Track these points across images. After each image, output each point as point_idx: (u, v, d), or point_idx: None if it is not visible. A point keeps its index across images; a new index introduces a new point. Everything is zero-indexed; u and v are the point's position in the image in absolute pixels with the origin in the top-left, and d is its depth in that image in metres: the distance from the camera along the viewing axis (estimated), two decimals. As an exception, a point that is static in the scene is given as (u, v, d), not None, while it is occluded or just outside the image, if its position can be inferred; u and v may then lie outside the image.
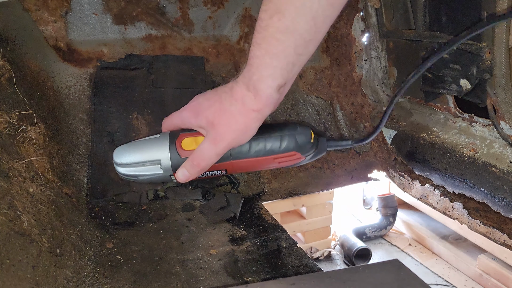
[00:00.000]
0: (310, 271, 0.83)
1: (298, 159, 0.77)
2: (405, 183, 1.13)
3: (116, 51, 1.07)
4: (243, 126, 0.67)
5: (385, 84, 1.21)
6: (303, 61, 0.63)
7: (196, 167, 0.72)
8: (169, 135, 0.76)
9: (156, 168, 0.76)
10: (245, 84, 0.65)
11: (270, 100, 0.65)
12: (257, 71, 0.62)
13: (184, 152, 0.74)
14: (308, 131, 0.77)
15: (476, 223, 0.91)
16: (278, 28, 0.58)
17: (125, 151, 0.79)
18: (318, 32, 0.60)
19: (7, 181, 0.67)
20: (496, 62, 0.82)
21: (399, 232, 2.50)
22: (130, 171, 0.78)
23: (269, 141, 0.74)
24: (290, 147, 0.75)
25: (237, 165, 0.76)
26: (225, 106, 0.67)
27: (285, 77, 0.63)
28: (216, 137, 0.69)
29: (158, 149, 0.76)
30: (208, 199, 1.07)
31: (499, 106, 0.85)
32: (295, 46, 0.59)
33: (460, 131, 0.98)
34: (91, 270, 0.78)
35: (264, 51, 0.61)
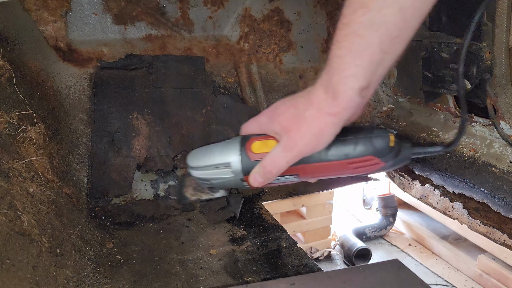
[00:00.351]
0: (310, 271, 0.83)
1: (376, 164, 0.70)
2: (405, 183, 1.13)
3: (116, 51, 1.06)
4: (317, 131, 0.62)
5: (385, 84, 1.21)
6: (388, 61, 0.57)
7: (266, 173, 0.70)
8: (240, 139, 0.75)
9: (226, 171, 0.75)
10: (324, 87, 0.59)
11: (350, 103, 0.58)
12: (337, 72, 0.57)
13: (254, 155, 0.72)
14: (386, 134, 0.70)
15: (476, 223, 0.91)
16: (362, 23, 0.53)
17: (197, 154, 0.79)
18: (407, 28, 0.54)
19: (7, 181, 0.67)
20: (496, 62, 0.82)
21: (399, 232, 2.50)
22: (203, 174, 0.78)
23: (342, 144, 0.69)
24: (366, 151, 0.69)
25: (309, 169, 0.72)
26: (300, 111, 0.63)
27: (368, 78, 0.57)
28: (288, 144, 0.65)
29: (228, 152, 0.74)
30: (207, 200, 1.07)
31: (499, 106, 0.85)
32: (380, 42, 0.54)
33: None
34: (91, 270, 0.78)
35: (345, 50, 0.55)
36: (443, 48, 0.93)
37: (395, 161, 0.71)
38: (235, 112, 1.13)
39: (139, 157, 1.06)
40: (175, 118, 1.09)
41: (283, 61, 1.20)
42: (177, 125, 1.09)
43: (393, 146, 0.70)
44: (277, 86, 1.19)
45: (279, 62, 1.19)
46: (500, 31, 0.79)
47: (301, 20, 1.18)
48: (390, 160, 0.71)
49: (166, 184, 1.08)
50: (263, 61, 1.18)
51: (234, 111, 1.13)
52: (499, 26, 0.78)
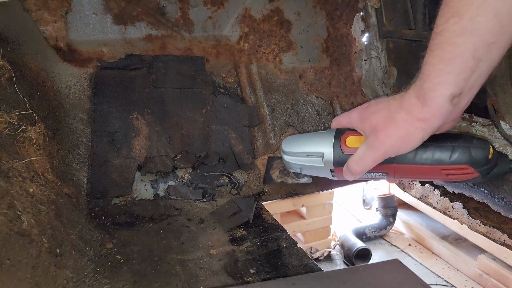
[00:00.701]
0: (310, 271, 0.83)
1: (471, 174, 0.70)
2: (405, 183, 1.13)
3: (116, 51, 1.06)
4: (405, 134, 0.63)
5: (385, 84, 1.21)
6: (484, 69, 0.56)
7: (353, 170, 0.72)
8: (335, 131, 0.78)
9: (318, 160, 0.78)
10: (415, 92, 0.61)
11: (440, 110, 0.59)
12: (428, 78, 0.58)
13: (347, 149, 0.75)
14: (487, 145, 0.70)
15: (476, 223, 0.91)
16: (455, 31, 0.53)
17: (293, 140, 0.83)
18: (504, 33, 0.53)
19: (7, 181, 0.67)
20: (496, 62, 0.81)
21: (399, 232, 2.50)
22: (295, 160, 0.82)
23: (438, 150, 0.69)
24: (462, 159, 0.68)
25: (399, 169, 0.73)
26: (390, 114, 0.64)
27: (461, 85, 0.56)
28: (375, 143, 0.67)
29: (323, 143, 0.77)
30: (208, 200, 1.07)
31: (499, 106, 0.85)
32: (473, 49, 0.53)
33: (460, 131, 0.98)
34: (91, 270, 0.78)
35: (438, 58, 0.56)
36: (443, 48, 0.93)
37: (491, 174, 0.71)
38: (235, 112, 1.13)
39: (139, 157, 1.06)
40: (175, 118, 1.09)
41: (283, 61, 1.20)
42: (177, 125, 1.09)
43: (491, 158, 0.69)
44: (277, 86, 1.19)
45: (279, 62, 1.19)
46: (500, 31, 0.78)
47: (301, 20, 1.18)
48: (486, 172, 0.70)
49: (166, 184, 1.08)
50: (263, 61, 1.18)
51: (234, 111, 1.13)
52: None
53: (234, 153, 1.13)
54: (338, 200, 2.74)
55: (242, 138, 1.13)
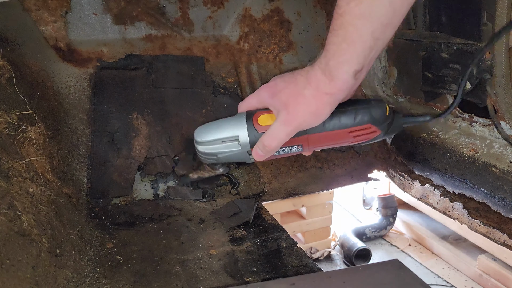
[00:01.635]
0: (310, 271, 0.83)
1: (374, 132, 0.76)
2: (405, 183, 1.13)
3: (116, 51, 1.06)
4: (315, 109, 0.68)
5: (385, 84, 1.21)
6: (380, 46, 0.63)
7: (267, 146, 0.75)
8: (246, 113, 0.79)
9: (234, 144, 0.79)
10: (321, 69, 0.66)
11: (346, 85, 0.65)
12: (333, 57, 0.63)
13: (261, 128, 0.76)
14: (383, 104, 0.76)
15: (476, 223, 0.91)
16: (355, 14, 0.59)
17: (204, 129, 0.83)
18: (396, 16, 0.60)
19: (7, 181, 0.67)
20: (496, 62, 0.81)
21: (399, 232, 2.50)
22: (210, 149, 0.81)
23: (343, 115, 0.74)
24: (364, 119, 0.74)
25: (312, 139, 0.77)
26: (299, 89, 0.69)
27: (362, 62, 0.63)
28: (287, 118, 0.71)
29: (236, 126, 0.78)
30: (207, 200, 1.07)
31: (499, 106, 0.85)
32: (372, 30, 0.60)
33: (460, 131, 0.98)
34: (91, 270, 0.78)
35: (341, 38, 0.62)
36: (443, 48, 0.93)
37: (389, 130, 0.77)
38: (235, 112, 1.13)
39: (139, 157, 1.06)
40: (175, 118, 1.09)
41: (283, 61, 1.20)
42: (177, 125, 1.09)
43: (388, 115, 0.75)
44: (277, 86, 1.19)
45: (279, 62, 1.19)
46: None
47: (301, 20, 1.18)
48: (385, 128, 0.76)
49: (165, 185, 1.08)
50: (263, 61, 1.18)
51: (234, 111, 1.13)
52: (499, 26, 0.78)
53: (234, 153, 1.13)
54: (338, 200, 2.74)
55: (242, 138, 1.13)
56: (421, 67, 1.02)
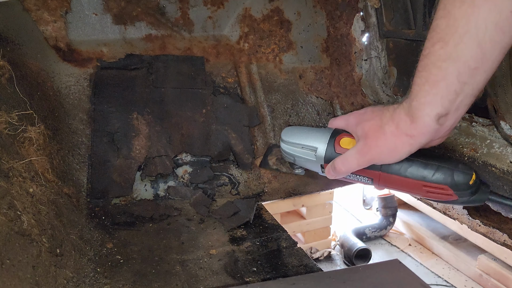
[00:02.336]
0: (310, 271, 0.83)
1: (449, 196, 0.73)
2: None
3: (116, 51, 1.06)
4: (392, 146, 0.68)
5: (385, 84, 1.21)
6: (469, 91, 0.60)
7: (337, 169, 0.77)
8: (333, 130, 0.82)
9: (311, 154, 0.83)
10: (405, 109, 0.65)
11: (426, 128, 0.63)
12: (416, 97, 0.62)
13: (340, 149, 0.79)
14: (470, 171, 0.72)
15: (476, 223, 0.91)
16: (440, 55, 0.58)
17: (292, 131, 0.88)
18: (486, 60, 0.57)
19: (7, 181, 0.67)
20: (496, 62, 0.81)
21: (399, 232, 2.50)
22: (290, 149, 0.86)
23: (423, 166, 0.72)
24: (443, 180, 0.72)
25: (384, 178, 0.76)
26: (382, 124, 0.69)
27: (446, 106, 0.60)
28: (363, 149, 0.72)
29: (319, 139, 0.82)
30: (210, 199, 1.07)
31: (499, 106, 0.85)
32: (457, 73, 0.57)
33: (460, 131, 0.98)
34: (91, 270, 0.78)
35: (424, 79, 0.61)
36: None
37: (469, 199, 0.73)
38: (235, 112, 1.13)
39: (139, 157, 1.06)
40: (175, 118, 1.09)
41: (283, 61, 1.20)
42: (177, 125, 1.09)
43: (472, 184, 0.72)
44: (277, 86, 1.19)
45: (279, 62, 1.19)
46: (500, 31, 0.78)
47: (301, 20, 1.18)
48: (465, 197, 0.73)
49: (166, 185, 1.08)
50: (263, 61, 1.18)
51: (234, 111, 1.13)
52: (499, 26, 0.78)
53: (234, 153, 1.13)
54: (338, 200, 2.74)
55: (242, 138, 1.13)
56: (421, 67, 1.02)
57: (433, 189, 0.72)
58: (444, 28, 0.57)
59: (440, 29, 0.57)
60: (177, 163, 1.09)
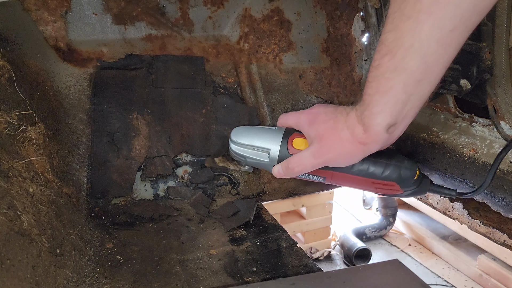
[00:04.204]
0: (310, 271, 0.83)
1: (396, 191, 0.77)
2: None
3: (116, 51, 1.06)
4: (347, 152, 0.70)
5: (385, 84, 1.21)
6: (415, 102, 0.63)
7: (290, 170, 0.78)
8: (284, 131, 0.82)
9: (264, 155, 0.82)
10: (358, 116, 0.67)
11: (378, 137, 0.66)
12: (368, 107, 0.65)
13: (293, 150, 0.79)
14: (415, 167, 0.77)
15: (476, 223, 0.91)
16: (388, 67, 0.60)
17: (243, 132, 0.87)
18: (430, 72, 0.59)
19: (7, 181, 0.67)
20: (496, 62, 0.82)
21: (399, 232, 2.50)
22: (241, 151, 0.85)
23: (373, 165, 0.76)
24: (391, 177, 0.76)
25: (336, 177, 0.79)
26: (337, 128, 0.70)
27: (395, 116, 0.63)
28: (318, 151, 0.73)
29: (272, 140, 0.81)
30: (209, 199, 1.07)
31: (499, 106, 0.85)
32: (404, 84, 0.60)
33: (460, 131, 0.98)
34: (91, 270, 0.78)
35: (374, 89, 0.63)
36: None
37: (413, 192, 0.78)
38: (235, 112, 1.13)
39: (139, 157, 1.06)
40: (175, 118, 1.09)
41: (283, 61, 1.20)
42: (177, 125, 1.09)
43: (416, 179, 0.77)
44: (277, 86, 1.19)
45: (279, 62, 1.19)
46: (500, 31, 0.79)
47: (301, 20, 1.18)
48: (409, 191, 0.78)
49: (165, 185, 1.08)
50: (263, 61, 1.18)
51: (234, 111, 1.13)
52: (499, 26, 0.78)
53: (234, 153, 1.13)
54: (338, 200, 2.74)
55: (242, 138, 1.13)
56: (421, 67, 1.02)
57: (382, 186, 0.77)
58: (392, 41, 0.59)
59: (388, 42, 0.59)
60: (177, 163, 1.09)
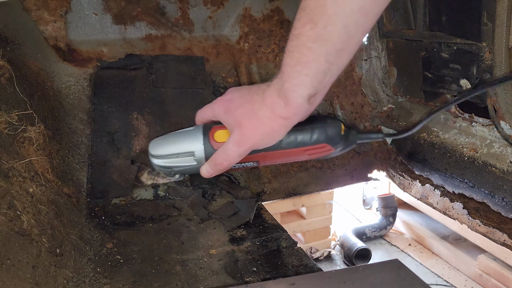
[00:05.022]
0: (310, 271, 0.83)
1: (328, 151, 0.77)
2: (405, 183, 1.13)
3: (116, 51, 1.06)
4: (270, 131, 0.68)
5: (385, 84, 1.21)
6: (335, 71, 0.62)
7: (218, 165, 0.74)
8: (202, 128, 0.78)
9: (190, 159, 0.78)
10: (277, 90, 0.65)
11: (300, 109, 0.65)
12: (288, 79, 0.62)
13: (217, 144, 0.76)
14: (339, 123, 0.77)
15: (476, 223, 0.91)
16: (310, 36, 0.58)
17: (160, 143, 0.81)
18: (350, 42, 0.59)
19: (7, 181, 0.67)
20: (496, 62, 0.82)
21: (399, 232, 2.50)
22: (165, 162, 0.80)
23: (300, 134, 0.75)
24: (320, 139, 0.75)
25: (268, 156, 0.77)
26: (255, 109, 0.68)
27: (316, 87, 0.62)
28: (240, 139, 0.70)
29: (192, 141, 0.77)
30: (208, 199, 1.07)
31: (499, 106, 0.85)
32: (326, 54, 0.59)
33: (460, 131, 0.98)
34: (91, 270, 0.78)
35: (296, 60, 0.61)
36: (443, 48, 0.94)
37: (344, 147, 0.78)
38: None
39: (139, 157, 1.06)
40: (175, 118, 1.09)
41: (283, 61, 1.19)
42: (177, 125, 1.09)
43: (343, 134, 0.77)
44: (277, 86, 1.19)
45: (279, 62, 1.19)
46: (500, 31, 0.79)
47: (301, 20, 1.18)
48: (340, 146, 0.78)
49: (166, 185, 1.08)
50: (263, 61, 1.18)
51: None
52: (499, 26, 0.79)
53: (234, 153, 1.13)
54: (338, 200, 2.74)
55: (242, 138, 1.13)
56: (421, 67, 1.03)
57: (314, 150, 0.76)
58: (313, 8, 0.57)
59: (310, 9, 0.57)
60: None
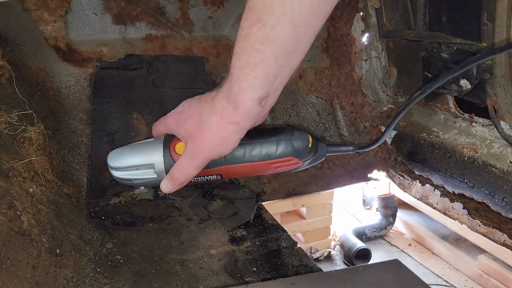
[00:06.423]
0: (310, 271, 0.83)
1: (296, 164, 0.75)
2: (405, 183, 1.13)
3: (116, 51, 1.06)
4: (219, 139, 0.66)
5: (385, 84, 1.21)
6: (286, 73, 0.60)
7: (176, 180, 0.72)
8: (163, 139, 0.76)
9: (150, 172, 0.76)
10: (225, 95, 0.63)
11: (250, 113, 0.62)
12: (236, 82, 0.60)
13: (178, 156, 0.73)
14: (306, 136, 0.75)
15: (476, 223, 0.91)
16: (258, 37, 0.56)
17: (119, 154, 0.79)
18: (301, 42, 0.57)
19: (7, 181, 0.67)
20: (496, 62, 0.82)
21: (399, 232, 2.50)
22: (125, 175, 0.78)
23: (264, 146, 0.73)
24: (286, 152, 0.73)
25: (232, 170, 0.75)
26: (203, 118, 0.66)
27: (266, 89, 0.60)
28: (193, 151, 0.68)
29: (152, 153, 0.75)
30: (208, 199, 1.07)
31: (499, 106, 0.85)
32: (275, 56, 0.57)
33: (460, 131, 0.98)
34: (91, 270, 0.78)
35: (244, 62, 0.59)
36: (443, 48, 0.94)
37: (312, 159, 0.77)
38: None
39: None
40: (175, 118, 1.09)
41: (283, 61, 1.19)
42: (177, 125, 1.09)
43: (311, 147, 0.75)
44: (277, 86, 1.19)
45: (279, 62, 1.19)
46: (500, 31, 0.79)
47: (301, 20, 1.18)
48: (308, 160, 0.76)
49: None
50: (263, 61, 1.18)
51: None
52: (499, 26, 0.78)
53: (234, 153, 1.13)
54: (338, 200, 2.74)
55: (242, 138, 1.13)
56: (421, 67, 1.03)
57: (280, 164, 0.74)
58: (260, 8, 0.54)
59: (257, 9, 0.55)
60: None
